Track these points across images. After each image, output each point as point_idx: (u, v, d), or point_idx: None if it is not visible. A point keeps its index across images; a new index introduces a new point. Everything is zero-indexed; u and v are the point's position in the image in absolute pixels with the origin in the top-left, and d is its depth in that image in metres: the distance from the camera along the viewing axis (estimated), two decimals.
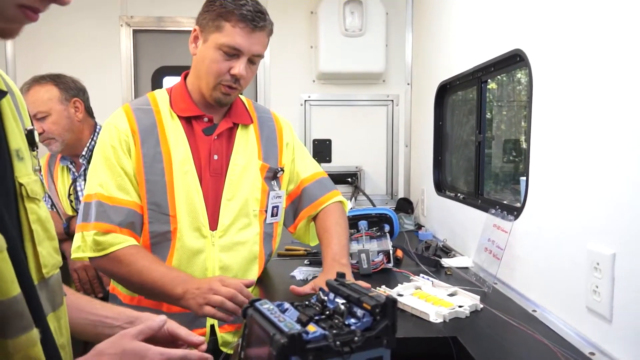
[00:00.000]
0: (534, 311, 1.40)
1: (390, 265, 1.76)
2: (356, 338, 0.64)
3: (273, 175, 1.52)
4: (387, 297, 0.68)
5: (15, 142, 0.72)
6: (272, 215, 1.53)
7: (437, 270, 1.80)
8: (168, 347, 0.92)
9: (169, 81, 3.11)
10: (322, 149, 3.12)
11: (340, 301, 0.72)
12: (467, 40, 2.08)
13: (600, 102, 1.15)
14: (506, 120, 3.52)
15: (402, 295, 1.47)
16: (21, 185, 0.71)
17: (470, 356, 1.13)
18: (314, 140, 3.12)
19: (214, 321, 1.40)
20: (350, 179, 3.11)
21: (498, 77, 2.45)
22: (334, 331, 0.64)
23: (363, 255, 1.70)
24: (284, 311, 0.71)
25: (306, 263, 1.87)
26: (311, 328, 0.65)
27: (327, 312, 0.71)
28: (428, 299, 1.42)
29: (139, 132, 1.39)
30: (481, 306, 1.40)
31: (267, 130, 1.56)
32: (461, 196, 2.26)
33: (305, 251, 2.03)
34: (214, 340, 1.40)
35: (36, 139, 0.79)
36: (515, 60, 1.66)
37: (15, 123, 0.74)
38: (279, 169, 1.54)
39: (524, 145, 1.69)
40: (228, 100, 1.43)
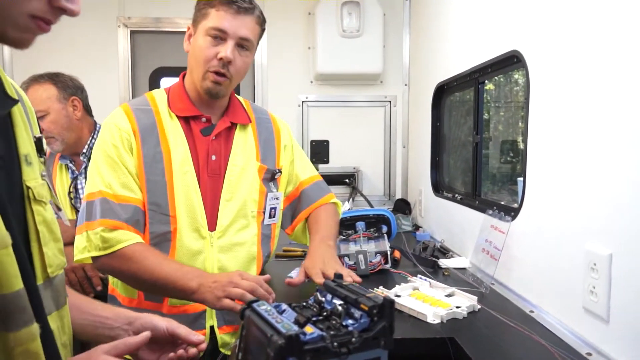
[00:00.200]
0: (531, 312, 1.40)
1: (387, 266, 1.76)
2: (354, 339, 0.64)
3: (271, 176, 1.52)
4: (385, 298, 0.68)
5: (24, 148, 0.76)
6: (270, 216, 1.52)
7: (435, 271, 1.80)
8: (168, 348, 0.93)
9: (167, 82, 3.11)
10: (320, 150, 3.12)
11: (337, 302, 0.72)
12: (464, 41, 2.09)
13: (597, 103, 1.16)
14: (503, 121, 3.53)
15: (400, 296, 1.47)
16: (28, 188, 0.75)
17: (467, 357, 1.13)
18: (312, 141, 3.12)
19: (214, 322, 1.40)
20: (347, 180, 3.12)
21: (495, 78, 2.46)
22: (332, 332, 0.64)
23: (361, 256, 1.71)
24: (282, 312, 0.71)
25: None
26: (309, 329, 0.65)
27: (325, 313, 0.71)
28: (425, 300, 1.42)
29: (140, 132, 1.38)
30: (479, 307, 1.40)
31: (265, 131, 1.56)
32: (459, 197, 2.26)
33: (302, 252, 2.02)
34: (214, 341, 1.40)
35: (44, 146, 0.83)
36: (512, 61, 1.67)
37: (25, 130, 0.78)
38: (277, 171, 1.54)
39: (521, 146, 1.70)
40: (218, 90, 1.39)
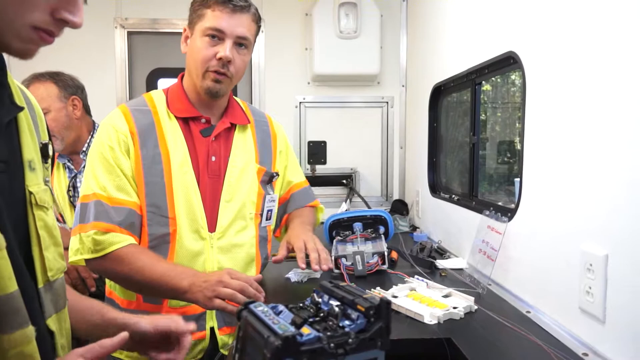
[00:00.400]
0: (528, 312, 1.41)
1: (385, 266, 1.76)
2: (350, 340, 0.64)
3: (269, 179, 1.52)
4: (381, 299, 0.68)
5: (29, 154, 0.77)
6: (267, 219, 1.53)
7: (432, 271, 1.81)
8: (163, 346, 0.94)
9: (164, 83, 3.10)
10: (317, 151, 3.12)
11: (334, 303, 0.72)
12: (461, 42, 2.09)
13: (593, 104, 1.16)
14: (500, 121, 3.54)
15: (397, 296, 1.47)
16: (31, 193, 0.76)
17: (464, 357, 1.14)
18: (309, 142, 3.12)
19: (214, 323, 1.40)
20: (345, 181, 3.12)
21: (492, 79, 2.47)
22: (328, 333, 0.65)
23: (358, 257, 1.71)
24: (278, 313, 0.71)
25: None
26: (305, 330, 0.65)
27: (321, 314, 0.71)
28: (422, 301, 1.42)
29: (138, 134, 1.37)
30: (475, 307, 1.41)
31: (263, 134, 1.56)
32: (456, 198, 2.27)
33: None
34: (214, 342, 1.40)
35: (49, 152, 0.84)
36: (508, 62, 1.67)
37: (30, 136, 0.78)
38: (275, 174, 1.54)
39: (518, 146, 1.70)
40: (218, 89, 1.39)
